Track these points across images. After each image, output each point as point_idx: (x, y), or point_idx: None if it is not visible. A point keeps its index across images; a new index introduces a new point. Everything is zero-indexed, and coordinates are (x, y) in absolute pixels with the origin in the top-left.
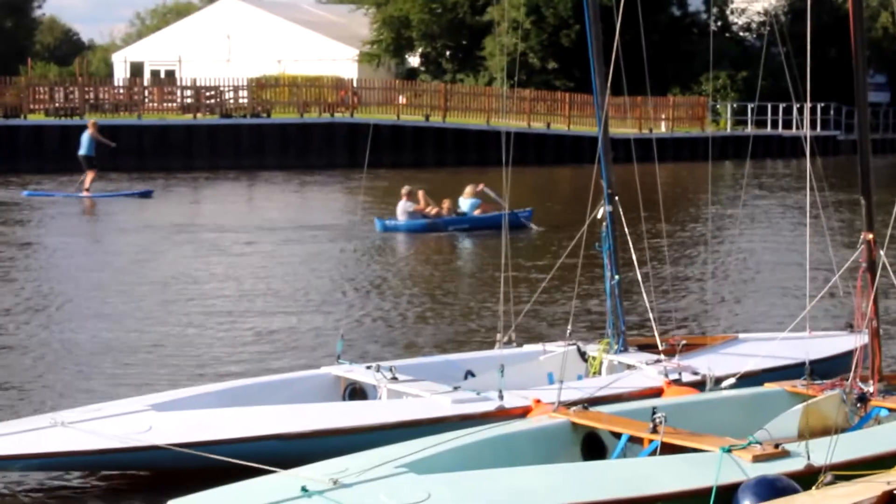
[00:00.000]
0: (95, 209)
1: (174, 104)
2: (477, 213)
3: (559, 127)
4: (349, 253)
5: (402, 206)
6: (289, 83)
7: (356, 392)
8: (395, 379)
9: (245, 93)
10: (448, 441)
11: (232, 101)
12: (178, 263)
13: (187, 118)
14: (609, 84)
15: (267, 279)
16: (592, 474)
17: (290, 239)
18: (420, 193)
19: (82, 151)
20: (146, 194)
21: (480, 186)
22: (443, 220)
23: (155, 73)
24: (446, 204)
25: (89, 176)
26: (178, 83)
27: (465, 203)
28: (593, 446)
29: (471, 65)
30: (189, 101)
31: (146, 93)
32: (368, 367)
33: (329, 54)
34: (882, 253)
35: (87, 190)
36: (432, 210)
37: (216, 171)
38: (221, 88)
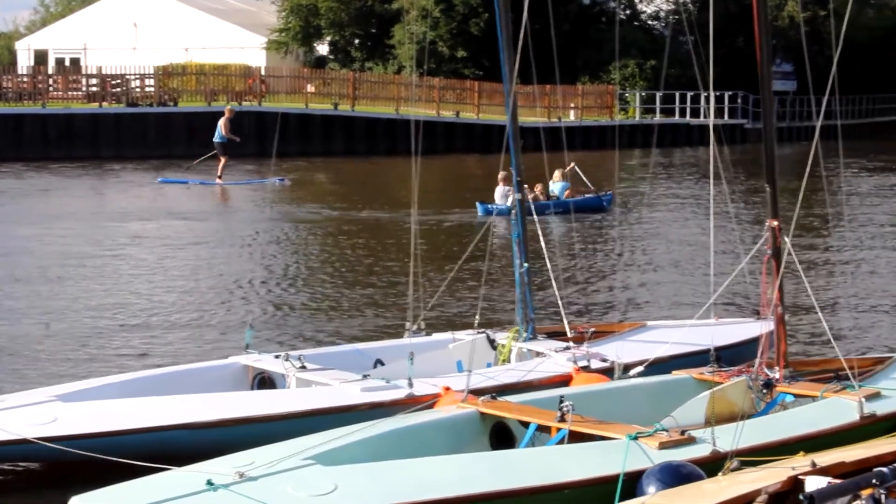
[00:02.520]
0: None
1: (79, 93)
2: (567, 195)
3: (468, 115)
4: (259, 242)
5: (502, 191)
6: (196, 71)
7: (265, 381)
8: (303, 368)
9: (152, 81)
10: (356, 432)
11: (138, 89)
12: (84, 253)
13: (93, 107)
14: (518, 72)
15: (175, 269)
16: (500, 464)
17: (197, 228)
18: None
19: (216, 139)
20: (281, 182)
21: (571, 166)
22: (541, 205)
23: (59, 61)
24: (539, 188)
25: (221, 162)
26: (84, 71)
27: (556, 187)
28: (501, 436)
29: (380, 53)
30: (94, 89)
31: (50, 81)
32: (277, 357)
33: (237, 42)
34: (787, 240)
35: (220, 177)
36: (530, 194)
37: (123, 160)
38: (127, 77)
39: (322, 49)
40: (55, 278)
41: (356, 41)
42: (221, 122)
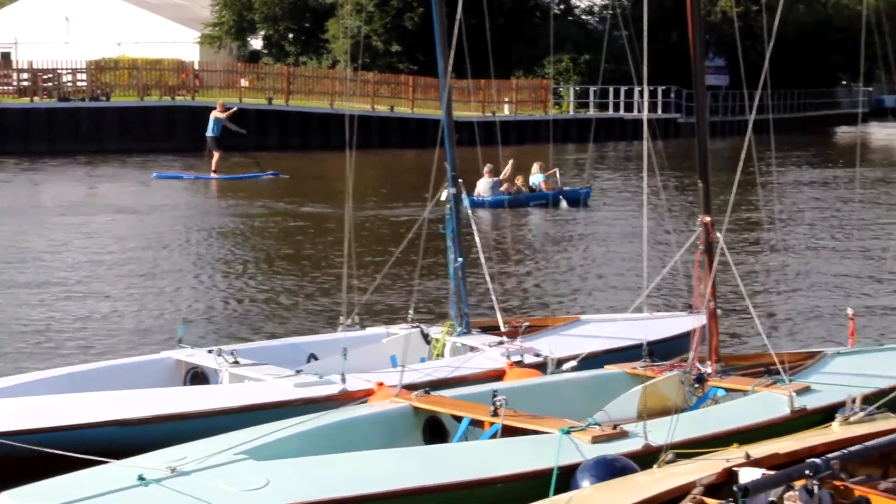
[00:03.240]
0: None
1: (10, 87)
2: (544, 186)
3: (403, 110)
4: (193, 235)
5: (486, 183)
6: (129, 66)
7: (197, 376)
8: (236, 363)
9: (84, 76)
10: (289, 427)
11: (70, 84)
12: (14, 247)
13: (24, 102)
14: (453, 67)
15: (107, 263)
16: (433, 458)
17: (133, 223)
18: (510, 164)
19: (209, 133)
20: (275, 175)
21: (553, 171)
22: (525, 196)
23: None
24: (520, 181)
25: (215, 157)
26: (15, 66)
27: (536, 178)
28: (435, 430)
29: (314, 47)
30: (26, 84)
31: None
32: (210, 352)
33: (170, 36)
34: (720, 235)
35: (215, 171)
36: (513, 186)
37: (55, 155)
38: (59, 71)
39: (256, 43)
40: None
41: (290, 35)
42: (213, 117)
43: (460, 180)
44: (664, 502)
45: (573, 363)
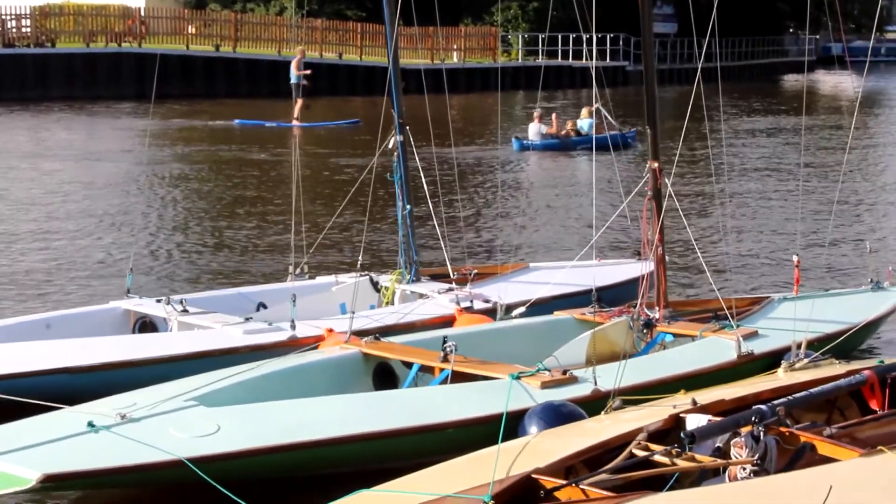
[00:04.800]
0: None
1: None
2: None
3: (352, 57)
4: (143, 185)
5: (536, 128)
6: (74, 12)
7: (146, 326)
8: (185, 312)
9: (28, 21)
10: (239, 374)
11: (14, 29)
12: None
13: None
14: (400, 14)
15: (52, 212)
16: (383, 404)
17: (79, 170)
18: (553, 115)
19: (292, 80)
20: (355, 123)
21: (596, 105)
22: (572, 140)
23: None
24: (570, 125)
25: (298, 104)
26: None
27: (584, 123)
28: (385, 376)
29: None
30: None
31: None
32: (158, 301)
33: None
34: (668, 181)
35: (297, 119)
36: (562, 131)
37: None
38: (3, 17)
39: None
40: None
41: None
42: (294, 63)
43: (407, 127)
44: (612, 448)
45: (522, 309)
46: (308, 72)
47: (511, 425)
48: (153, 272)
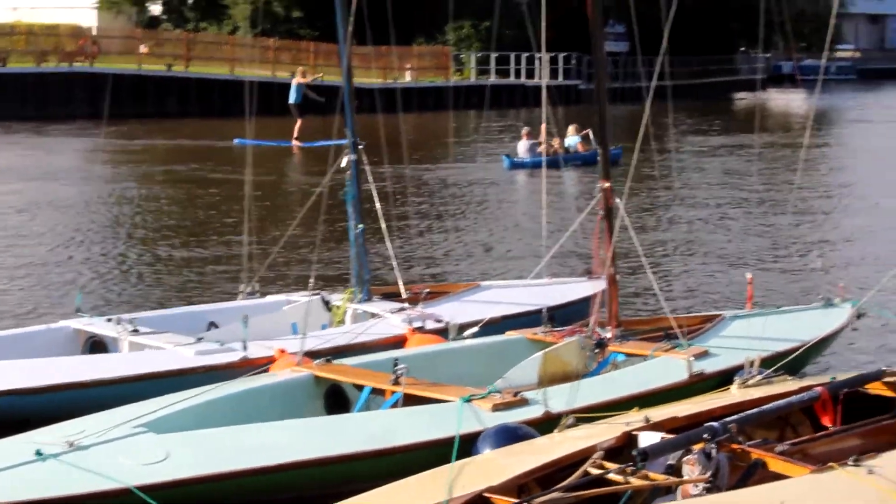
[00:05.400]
0: None
1: None
2: (580, 148)
3: None
4: (92, 202)
5: (525, 146)
6: (25, 31)
7: (97, 345)
8: (136, 331)
9: None
10: (189, 398)
11: None
12: None
13: None
14: (353, 33)
15: (6, 230)
16: (334, 429)
17: (29, 190)
18: (542, 130)
19: (291, 100)
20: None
21: (586, 132)
22: (562, 158)
23: None
24: (557, 142)
25: (298, 124)
26: None
27: (571, 141)
28: (336, 399)
29: (214, 13)
30: None
31: None
32: (109, 320)
33: (67, 2)
34: (619, 200)
35: (297, 138)
36: (551, 149)
37: None
38: None
39: (155, 9)
40: None
41: (189, 1)
42: (295, 83)
43: (361, 147)
44: (565, 466)
45: (474, 329)
46: (322, 100)
47: (463, 449)
48: (104, 291)
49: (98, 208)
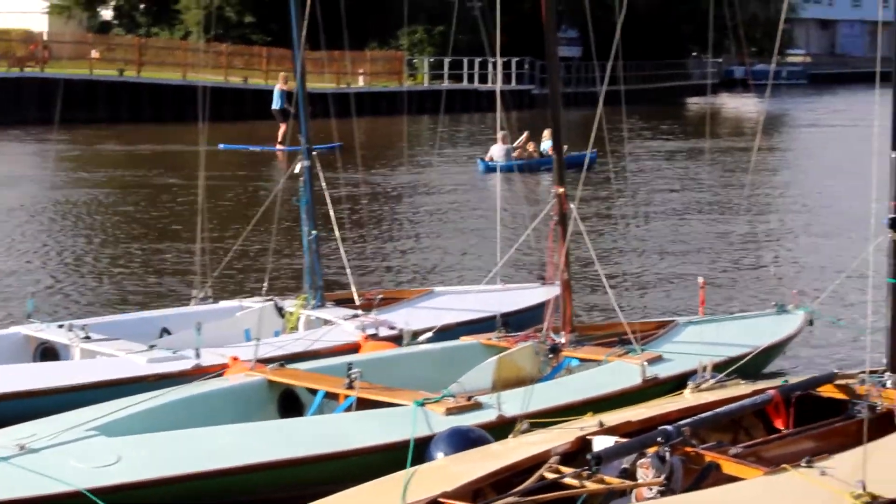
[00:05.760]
0: None
1: None
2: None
3: (257, 81)
4: (41, 207)
5: (500, 150)
6: None
7: (48, 352)
8: (88, 338)
9: None
10: (141, 402)
11: None
12: None
13: None
14: (306, 38)
15: None
16: (287, 432)
17: None
18: (525, 135)
19: (275, 105)
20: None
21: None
22: (536, 161)
23: None
24: (531, 147)
25: (281, 129)
26: None
27: (546, 145)
28: (290, 403)
29: (166, 18)
30: None
31: None
32: (61, 326)
33: (17, 6)
34: (573, 206)
35: (281, 143)
36: (525, 153)
37: None
38: None
39: (106, 14)
40: None
41: (141, 6)
42: (278, 89)
43: (314, 153)
44: (519, 472)
45: (428, 335)
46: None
47: (417, 452)
48: (56, 297)
49: (50, 214)
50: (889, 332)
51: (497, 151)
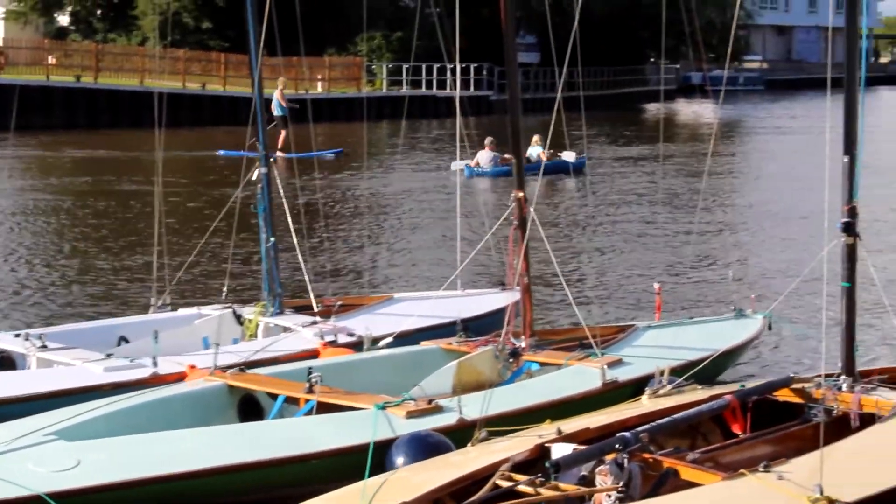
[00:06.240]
0: None
1: None
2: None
3: (215, 87)
4: (0, 215)
5: (487, 156)
6: None
7: (4, 361)
8: (44, 347)
9: None
10: (101, 407)
11: None
12: None
13: None
14: (264, 44)
15: None
16: (247, 435)
17: None
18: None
19: (276, 112)
20: (339, 154)
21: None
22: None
23: None
24: None
25: (282, 135)
26: None
27: (533, 151)
28: (250, 408)
29: (123, 24)
30: None
31: None
32: (17, 335)
33: None
34: (532, 210)
35: (281, 149)
36: (511, 158)
37: None
38: None
39: (63, 20)
40: None
41: (98, 12)
42: (277, 94)
43: (272, 159)
44: (478, 480)
45: (388, 340)
46: (296, 105)
47: (377, 455)
48: (12, 306)
49: (5, 221)
50: (843, 336)
51: (484, 157)
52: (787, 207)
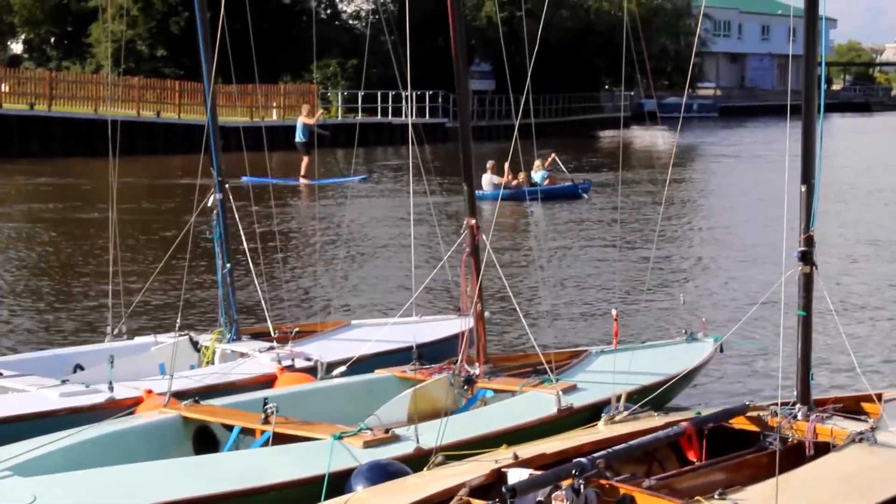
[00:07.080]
0: None
1: None
2: (546, 183)
3: (170, 115)
4: None
5: (488, 179)
6: None
7: None
8: None
9: None
10: (56, 441)
11: None
12: None
13: None
14: (218, 72)
15: None
16: (203, 468)
17: None
18: (505, 166)
19: (298, 139)
20: (363, 180)
21: (552, 157)
22: (523, 191)
23: None
24: (522, 176)
25: (304, 161)
26: None
27: (537, 175)
28: (205, 440)
29: (77, 52)
30: None
31: None
32: None
33: None
34: (485, 237)
35: (304, 176)
36: (514, 182)
37: None
38: None
39: (16, 47)
40: None
41: (52, 39)
42: (301, 122)
43: (227, 186)
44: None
45: (343, 368)
46: (326, 133)
47: (334, 486)
48: None
49: None
50: (799, 364)
51: (486, 181)
52: (744, 235)
